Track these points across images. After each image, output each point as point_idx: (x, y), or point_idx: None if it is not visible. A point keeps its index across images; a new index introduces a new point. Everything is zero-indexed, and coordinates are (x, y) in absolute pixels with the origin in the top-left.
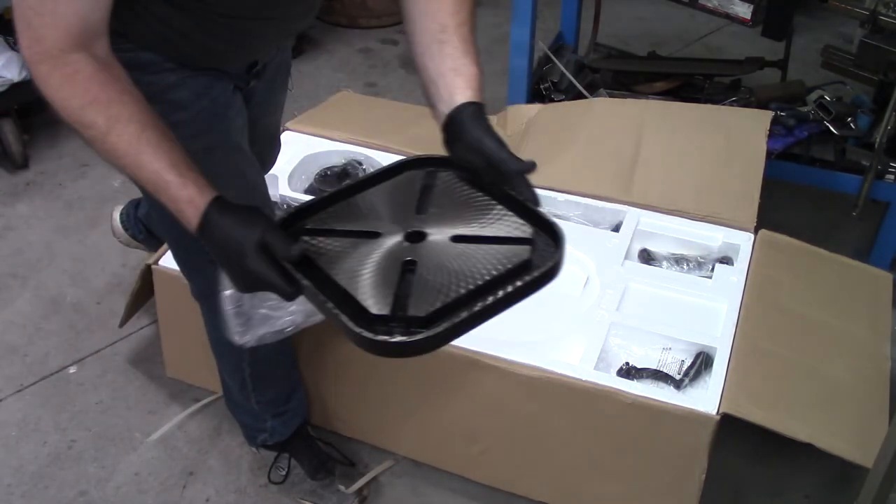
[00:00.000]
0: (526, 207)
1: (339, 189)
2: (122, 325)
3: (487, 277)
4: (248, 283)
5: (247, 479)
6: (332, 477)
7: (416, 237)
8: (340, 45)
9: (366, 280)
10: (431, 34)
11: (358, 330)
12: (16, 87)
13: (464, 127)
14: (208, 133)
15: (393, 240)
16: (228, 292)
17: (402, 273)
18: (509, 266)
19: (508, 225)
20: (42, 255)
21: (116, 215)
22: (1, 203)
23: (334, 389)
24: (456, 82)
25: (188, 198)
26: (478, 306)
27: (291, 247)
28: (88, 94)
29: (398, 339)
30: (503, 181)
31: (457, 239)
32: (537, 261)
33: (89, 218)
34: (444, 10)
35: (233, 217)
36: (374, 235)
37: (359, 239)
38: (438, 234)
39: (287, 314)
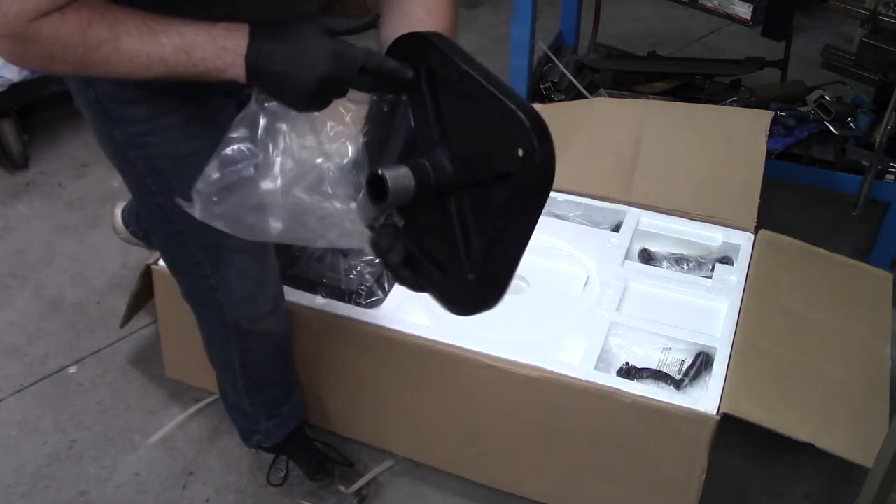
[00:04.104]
0: None
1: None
2: (122, 325)
3: None
4: (330, 72)
5: (246, 480)
6: (331, 478)
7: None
8: None
9: None
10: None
11: None
12: (16, 87)
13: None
14: (198, 137)
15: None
16: (216, 174)
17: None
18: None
19: None
20: (42, 255)
21: (118, 212)
22: (1, 203)
23: (333, 390)
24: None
25: (227, 44)
26: None
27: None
28: (82, 20)
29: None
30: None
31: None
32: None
33: (89, 218)
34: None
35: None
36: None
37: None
38: None
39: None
